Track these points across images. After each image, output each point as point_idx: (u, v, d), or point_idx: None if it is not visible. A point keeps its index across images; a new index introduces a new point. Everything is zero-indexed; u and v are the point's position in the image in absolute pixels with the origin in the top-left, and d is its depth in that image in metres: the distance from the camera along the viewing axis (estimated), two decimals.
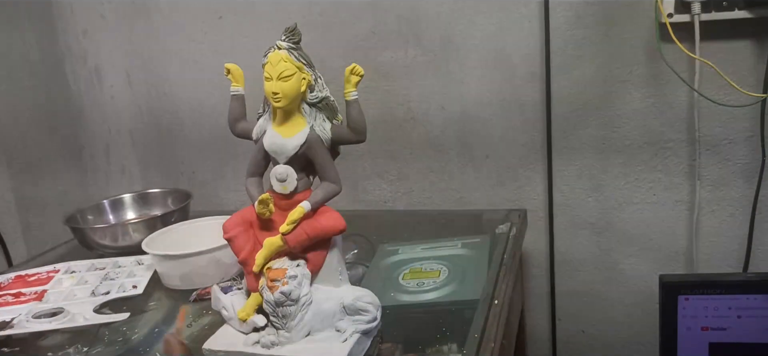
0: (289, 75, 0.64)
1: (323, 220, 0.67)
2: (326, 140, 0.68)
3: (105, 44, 1.37)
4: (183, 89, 1.34)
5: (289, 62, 0.65)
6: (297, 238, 0.66)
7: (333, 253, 0.70)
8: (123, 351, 0.78)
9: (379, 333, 0.73)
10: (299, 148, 0.67)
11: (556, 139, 1.13)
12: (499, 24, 1.11)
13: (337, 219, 0.67)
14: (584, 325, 1.24)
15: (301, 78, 0.65)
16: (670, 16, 0.97)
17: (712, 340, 0.94)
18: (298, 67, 0.65)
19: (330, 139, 0.68)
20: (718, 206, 1.09)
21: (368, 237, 1.05)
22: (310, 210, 0.66)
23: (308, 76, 0.66)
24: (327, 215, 0.68)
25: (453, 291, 0.84)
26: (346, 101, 0.67)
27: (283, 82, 0.64)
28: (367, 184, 1.27)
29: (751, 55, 1.00)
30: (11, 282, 0.99)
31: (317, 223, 0.67)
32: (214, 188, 1.39)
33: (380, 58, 1.18)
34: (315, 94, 0.67)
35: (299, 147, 0.67)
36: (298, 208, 0.66)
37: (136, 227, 1.07)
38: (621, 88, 1.08)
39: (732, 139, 1.05)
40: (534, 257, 1.22)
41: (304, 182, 0.69)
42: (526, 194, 1.18)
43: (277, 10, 1.22)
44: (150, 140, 1.41)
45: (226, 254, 0.90)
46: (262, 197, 0.67)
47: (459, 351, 0.70)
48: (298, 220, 0.66)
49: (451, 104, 1.17)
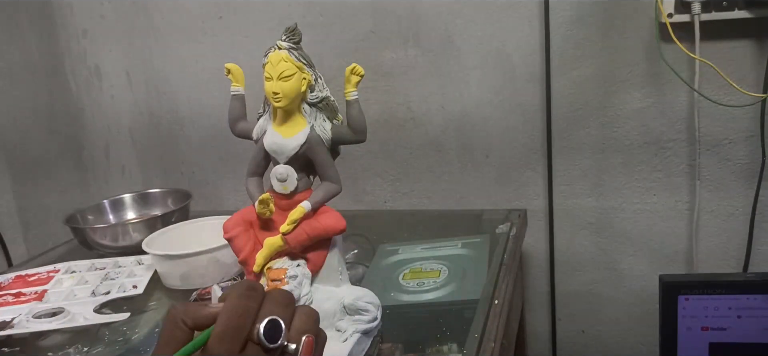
0: (289, 75, 0.64)
1: (323, 220, 0.67)
2: (326, 140, 0.68)
3: (105, 44, 1.37)
4: (183, 89, 1.34)
5: (289, 62, 0.64)
6: (297, 238, 0.66)
7: (333, 253, 0.70)
8: (123, 351, 0.78)
9: (379, 333, 0.73)
10: (299, 148, 0.67)
11: (556, 139, 1.13)
12: (499, 24, 1.11)
13: (338, 219, 0.67)
14: (584, 325, 1.24)
15: (301, 78, 0.65)
16: (670, 16, 0.97)
17: (712, 340, 0.94)
18: (298, 67, 0.65)
19: (330, 139, 0.68)
20: (718, 206, 1.09)
21: (368, 237, 1.05)
22: (311, 210, 0.66)
23: (308, 76, 0.66)
24: (327, 215, 0.68)
25: (453, 290, 0.84)
26: (346, 101, 0.67)
27: (284, 82, 0.64)
28: (367, 184, 1.27)
29: (751, 55, 1.00)
30: (11, 282, 0.99)
31: (317, 223, 0.67)
32: (214, 188, 1.39)
33: (380, 58, 1.18)
34: (315, 94, 0.67)
35: (299, 147, 0.67)
36: (299, 208, 0.66)
37: (136, 227, 1.07)
38: (621, 88, 1.08)
39: (732, 139, 1.05)
40: (534, 258, 1.22)
41: (304, 182, 0.68)
42: (526, 194, 1.18)
43: (277, 10, 1.22)
44: (150, 140, 1.41)
45: (226, 254, 0.90)
46: (262, 197, 0.67)
47: (459, 351, 0.70)
48: (299, 220, 0.66)
49: (451, 104, 1.17)
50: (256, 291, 0.42)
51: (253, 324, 0.40)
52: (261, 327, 0.39)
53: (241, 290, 0.41)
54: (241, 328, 0.39)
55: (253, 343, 0.39)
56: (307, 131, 0.67)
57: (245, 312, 0.40)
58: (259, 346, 0.39)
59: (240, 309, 0.40)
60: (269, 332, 0.39)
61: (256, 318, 0.40)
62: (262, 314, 0.40)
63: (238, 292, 0.41)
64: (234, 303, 0.40)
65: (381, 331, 0.73)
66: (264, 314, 0.40)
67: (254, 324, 0.39)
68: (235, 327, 0.39)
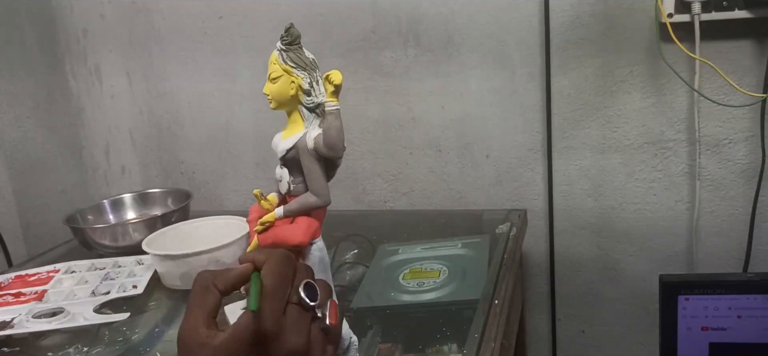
0: (276, 77, 0.63)
1: (286, 229, 0.63)
2: (310, 148, 0.65)
3: (105, 44, 1.37)
4: (183, 88, 1.34)
5: (276, 64, 0.64)
6: (264, 242, 0.65)
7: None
8: (123, 351, 0.78)
9: (379, 335, 0.72)
10: (287, 151, 0.66)
11: (556, 139, 1.13)
12: (499, 24, 1.11)
13: (301, 232, 0.62)
14: (584, 325, 1.24)
15: (289, 81, 0.64)
16: (670, 16, 0.97)
17: (712, 340, 0.94)
18: (285, 70, 0.63)
19: (312, 148, 0.65)
20: (718, 206, 1.09)
21: (368, 237, 1.05)
22: (283, 217, 0.65)
23: (298, 80, 0.64)
24: (294, 225, 0.64)
25: (453, 290, 0.84)
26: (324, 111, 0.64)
27: (272, 85, 0.64)
28: (367, 184, 1.27)
29: (751, 55, 1.00)
30: (11, 281, 0.99)
31: (281, 231, 0.64)
32: (214, 188, 1.39)
33: (380, 58, 1.18)
34: (311, 99, 0.65)
35: (287, 150, 0.66)
36: (272, 213, 0.65)
37: (136, 227, 1.07)
38: (621, 88, 1.08)
39: (732, 139, 1.05)
40: (534, 258, 1.22)
41: (301, 187, 0.67)
42: (526, 194, 1.18)
43: (277, 10, 1.22)
44: (150, 140, 1.41)
45: (226, 254, 0.90)
46: (255, 192, 0.67)
47: (459, 351, 0.70)
48: (267, 223, 0.65)
49: (451, 104, 1.17)
50: (291, 260, 0.47)
51: (292, 287, 0.45)
52: (301, 290, 0.44)
53: (280, 257, 0.46)
54: (284, 291, 0.44)
55: (292, 305, 0.44)
56: (299, 135, 0.66)
57: (285, 276, 0.45)
58: (297, 306, 0.44)
59: (282, 273, 0.45)
60: (309, 293, 0.45)
61: (292, 282, 0.45)
62: (297, 280, 0.45)
63: (277, 259, 0.46)
64: (275, 268, 0.45)
65: (381, 332, 0.73)
66: (299, 279, 0.45)
67: (292, 287, 0.45)
68: (280, 289, 0.44)
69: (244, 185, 1.36)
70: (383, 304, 0.81)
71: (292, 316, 0.43)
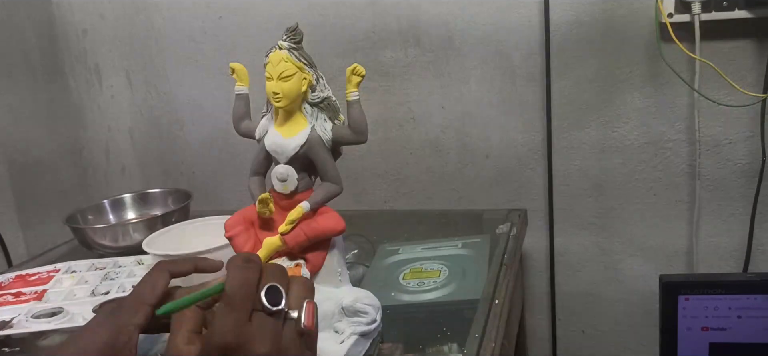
0: (289, 75, 0.64)
1: (322, 221, 0.67)
2: (327, 140, 0.67)
3: (105, 44, 1.37)
4: (183, 89, 1.34)
5: (289, 62, 0.64)
6: (295, 238, 0.66)
7: (333, 254, 0.70)
8: None
9: (379, 335, 0.72)
10: (299, 148, 0.67)
11: (556, 139, 1.13)
12: (499, 24, 1.11)
13: (337, 220, 0.67)
14: (584, 325, 1.24)
15: (302, 78, 0.65)
16: (670, 16, 0.97)
17: (712, 340, 0.94)
18: (298, 67, 0.65)
19: (331, 139, 0.68)
20: (718, 206, 1.09)
21: (368, 237, 1.05)
22: (310, 211, 0.66)
23: (309, 76, 0.66)
24: (326, 215, 0.68)
25: (453, 290, 0.84)
26: (347, 101, 0.67)
27: (284, 83, 0.64)
28: (367, 184, 1.27)
29: (751, 55, 1.00)
30: (11, 281, 0.98)
31: (316, 224, 0.67)
32: (214, 188, 1.39)
33: (380, 58, 1.18)
34: (316, 94, 0.67)
35: (299, 147, 0.67)
36: (298, 208, 0.66)
37: (136, 227, 1.07)
38: (621, 88, 1.08)
39: (732, 139, 1.05)
40: (534, 258, 1.22)
41: (305, 183, 0.68)
42: (526, 194, 1.18)
43: (277, 10, 1.22)
44: (150, 140, 1.41)
45: (226, 254, 0.89)
46: (262, 197, 0.67)
47: (459, 351, 0.70)
48: (297, 220, 0.66)
49: (451, 104, 1.17)
50: (254, 263, 0.44)
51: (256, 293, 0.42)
52: (262, 293, 0.42)
53: (239, 262, 0.44)
54: (247, 298, 0.42)
55: (257, 312, 0.42)
56: (307, 131, 0.67)
57: (247, 283, 0.42)
58: (262, 313, 0.42)
59: (242, 280, 0.42)
60: (270, 297, 0.42)
61: (257, 287, 0.43)
62: (262, 284, 0.43)
63: (236, 264, 0.43)
64: (236, 275, 0.42)
65: (381, 332, 0.73)
66: (264, 284, 0.43)
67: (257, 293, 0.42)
68: (241, 297, 0.41)
69: (244, 185, 1.36)
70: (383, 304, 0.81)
71: (258, 323, 0.41)
